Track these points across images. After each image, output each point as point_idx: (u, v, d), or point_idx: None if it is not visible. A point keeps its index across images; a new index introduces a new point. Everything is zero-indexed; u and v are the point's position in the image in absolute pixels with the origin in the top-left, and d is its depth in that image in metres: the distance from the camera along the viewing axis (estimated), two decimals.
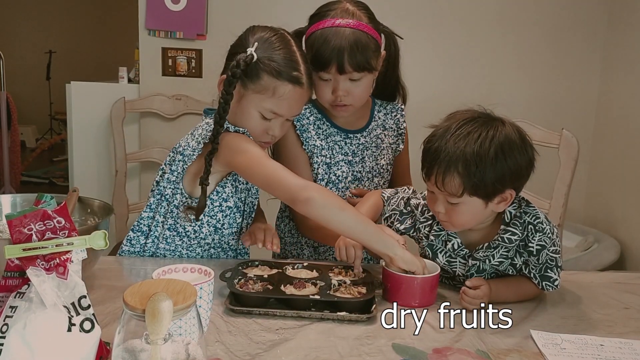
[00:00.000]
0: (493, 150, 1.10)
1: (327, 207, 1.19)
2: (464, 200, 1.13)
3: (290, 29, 1.51)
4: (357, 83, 1.40)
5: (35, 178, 5.31)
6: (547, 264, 1.19)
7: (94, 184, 2.80)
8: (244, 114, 1.30)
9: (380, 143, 1.56)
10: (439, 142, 1.14)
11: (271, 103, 1.27)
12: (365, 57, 1.36)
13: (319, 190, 1.21)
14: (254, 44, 1.26)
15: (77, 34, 7.00)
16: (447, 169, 1.12)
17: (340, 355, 0.95)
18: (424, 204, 1.30)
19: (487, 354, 0.98)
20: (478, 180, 1.10)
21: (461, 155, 1.10)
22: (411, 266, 1.16)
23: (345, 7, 1.39)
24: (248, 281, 1.16)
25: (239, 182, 1.36)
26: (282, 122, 1.32)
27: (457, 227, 1.21)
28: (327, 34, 1.36)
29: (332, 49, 1.35)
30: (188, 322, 0.80)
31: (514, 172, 1.13)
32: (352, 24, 1.36)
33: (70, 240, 0.77)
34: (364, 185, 1.54)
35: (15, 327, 0.74)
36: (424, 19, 2.67)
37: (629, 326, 1.12)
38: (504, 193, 1.15)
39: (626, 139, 2.52)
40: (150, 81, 2.70)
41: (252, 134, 1.30)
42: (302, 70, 1.29)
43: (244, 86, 1.28)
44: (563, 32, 2.70)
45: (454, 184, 1.12)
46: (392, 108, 1.60)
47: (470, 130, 1.12)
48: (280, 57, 1.27)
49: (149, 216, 1.39)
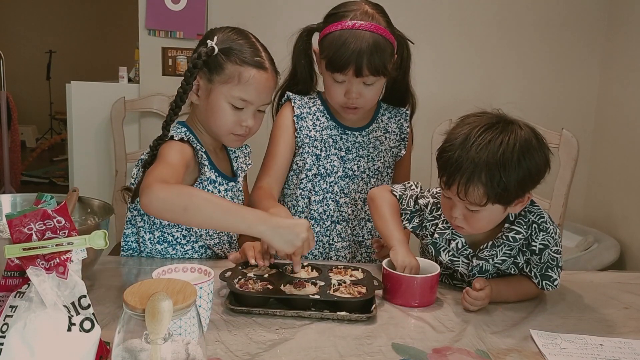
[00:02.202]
0: (516, 157, 1.09)
1: (165, 207, 1.13)
2: (485, 207, 1.12)
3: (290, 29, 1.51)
4: (370, 87, 1.40)
5: (35, 178, 5.31)
6: (548, 264, 1.19)
7: (94, 184, 2.80)
8: (214, 108, 1.31)
9: (378, 145, 1.55)
10: (460, 152, 1.11)
11: (239, 90, 1.28)
12: (382, 62, 1.36)
13: (160, 188, 1.13)
14: (214, 39, 1.29)
15: (77, 34, 7.00)
16: (470, 180, 1.09)
17: (340, 355, 0.95)
18: (432, 203, 1.29)
19: (487, 354, 0.98)
20: (502, 189, 1.09)
21: (484, 165, 1.08)
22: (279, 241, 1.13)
23: (364, 9, 1.38)
24: (248, 281, 1.16)
25: (211, 190, 1.35)
26: (253, 111, 1.32)
27: (473, 232, 1.20)
28: (346, 36, 1.35)
29: (351, 52, 1.33)
30: (188, 321, 0.80)
31: (534, 175, 1.12)
32: (372, 28, 1.35)
33: (70, 239, 0.77)
34: (357, 184, 1.53)
35: (15, 326, 0.74)
36: (423, 19, 2.67)
37: (629, 326, 1.12)
38: (523, 197, 1.15)
39: (626, 139, 2.52)
40: (150, 81, 2.70)
41: (225, 128, 1.31)
42: (264, 57, 1.31)
43: (210, 80, 1.29)
44: (563, 32, 2.70)
45: (477, 194, 1.10)
46: (397, 112, 1.59)
47: (491, 138, 1.10)
48: (241, 45, 1.30)
49: (132, 232, 1.40)
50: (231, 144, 1.39)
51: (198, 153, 1.32)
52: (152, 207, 1.13)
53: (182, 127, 1.34)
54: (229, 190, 1.39)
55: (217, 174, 1.36)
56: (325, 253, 1.55)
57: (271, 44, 1.38)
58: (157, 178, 1.16)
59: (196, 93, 1.33)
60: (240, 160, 1.49)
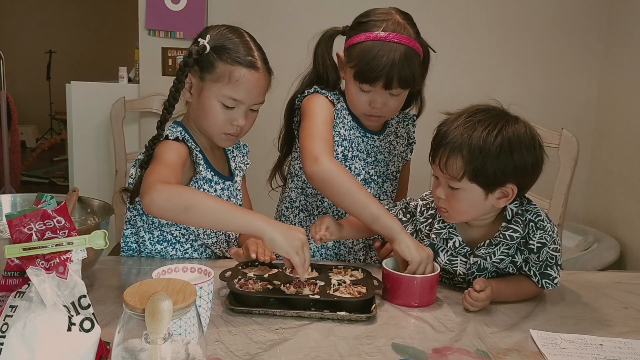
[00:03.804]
0: (499, 141, 1.12)
1: (166, 207, 1.13)
2: (464, 185, 1.15)
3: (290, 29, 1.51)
4: (395, 97, 1.39)
5: (35, 178, 5.31)
6: (547, 262, 1.20)
7: (94, 184, 2.80)
8: (205, 107, 1.31)
9: (392, 149, 1.55)
10: (449, 127, 1.16)
11: (229, 89, 1.28)
12: (412, 74, 1.34)
13: (162, 189, 1.13)
14: (207, 37, 1.29)
15: (77, 34, 7.00)
16: (452, 152, 1.14)
17: (340, 355, 0.95)
18: (422, 205, 1.31)
19: (486, 354, 0.98)
20: (479, 165, 1.12)
21: (467, 139, 1.13)
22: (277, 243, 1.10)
23: (396, 20, 1.35)
24: (248, 281, 1.16)
25: (207, 189, 1.35)
26: (244, 110, 1.32)
27: (456, 217, 1.21)
28: (378, 49, 1.31)
29: (383, 65, 1.31)
30: (188, 321, 0.80)
31: (518, 168, 1.13)
32: (404, 40, 1.32)
33: (70, 239, 0.77)
34: (372, 189, 1.51)
35: (15, 326, 0.74)
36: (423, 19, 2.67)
37: (629, 326, 1.12)
38: (505, 186, 1.15)
39: (626, 139, 2.52)
40: (150, 81, 2.70)
41: (216, 127, 1.32)
42: (257, 56, 1.31)
43: (202, 79, 1.30)
44: (563, 32, 2.70)
45: (455, 167, 1.14)
46: (405, 117, 1.59)
47: (481, 119, 1.15)
48: (233, 44, 1.29)
49: (132, 232, 1.40)
50: (223, 144, 1.39)
51: (193, 152, 1.32)
52: (154, 207, 1.14)
53: (178, 126, 1.34)
54: (225, 190, 1.39)
55: (213, 173, 1.36)
56: (341, 255, 1.55)
57: (269, 43, 1.37)
58: (158, 178, 1.16)
59: (189, 91, 1.33)
60: (238, 159, 1.49)
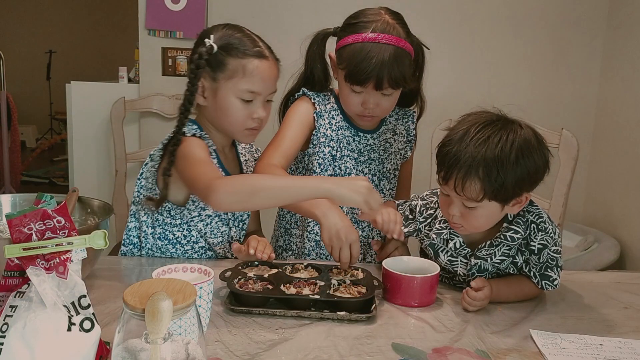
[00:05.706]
0: (514, 155, 1.09)
1: (234, 199, 1.16)
2: (482, 204, 1.13)
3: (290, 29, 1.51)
4: (387, 97, 1.39)
5: (35, 178, 5.31)
6: (547, 264, 1.19)
7: (94, 184, 2.81)
8: (223, 106, 1.31)
9: (388, 147, 1.55)
10: (458, 146, 1.11)
11: (245, 82, 1.29)
12: (402, 74, 1.35)
13: (223, 184, 1.16)
14: (211, 37, 1.30)
15: (77, 34, 7.00)
16: (468, 174, 1.10)
17: (340, 355, 0.95)
18: (421, 204, 1.31)
19: (486, 354, 0.98)
20: (499, 185, 1.09)
21: (482, 160, 1.09)
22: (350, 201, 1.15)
23: (385, 20, 1.36)
24: (248, 281, 1.16)
25: None
26: (262, 101, 1.33)
27: (470, 230, 1.20)
28: (367, 50, 1.32)
29: (373, 66, 1.32)
30: (188, 321, 0.80)
31: (533, 175, 1.12)
32: (393, 41, 1.33)
33: (70, 239, 0.77)
34: None
35: (15, 326, 0.74)
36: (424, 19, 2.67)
37: (629, 326, 1.12)
38: (521, 196, 1.14)
39: (626, 139, 2.52)
40: (150, 81, 2.70)
41: (238, 124, 1.32)
42: (262, 46, 1.33)
43: (214, 79, 1.30)
44: (563, 32, 2.70)
45: (474, 189, 1.10)
46: (404, 114, 1.59)
47: (490, 134, 1.10)
48: (238, 39, 1.30)
49: (135, 226, 1.40)
50: (246, 140, 1.39)
51: (209, 150, 1.32)
52: (223, 204, 1.17)
53: (193, 124, 1.34)
54: None
55: (225, 173, 1.37)
56: None
57: (271, 43, 1.38)
58: (210, 177, 1.18)
59: (202, 95, 1.33)
60: (250, 164, 1.51)
